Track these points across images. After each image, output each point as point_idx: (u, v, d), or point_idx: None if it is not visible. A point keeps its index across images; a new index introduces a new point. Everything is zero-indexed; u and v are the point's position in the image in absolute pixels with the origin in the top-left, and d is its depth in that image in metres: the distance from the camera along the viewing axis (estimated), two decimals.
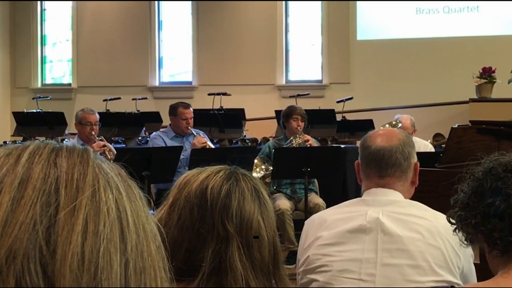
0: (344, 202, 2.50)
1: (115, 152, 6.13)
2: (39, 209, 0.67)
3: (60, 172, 0.70)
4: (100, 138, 6.26)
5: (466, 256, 2.34)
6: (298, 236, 5.64)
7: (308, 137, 6.66)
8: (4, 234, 0.65)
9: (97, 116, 6.35)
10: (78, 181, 0.70)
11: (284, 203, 6.40)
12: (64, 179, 0.69)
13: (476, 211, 1.70)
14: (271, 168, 6.36)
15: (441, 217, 2.37)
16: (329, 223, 2.39)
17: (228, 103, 9.40)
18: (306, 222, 2.52)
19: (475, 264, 2.43)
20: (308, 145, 6.59)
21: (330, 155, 6.66)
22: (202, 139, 6.62)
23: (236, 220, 1.51)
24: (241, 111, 9.25)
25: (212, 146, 6.81)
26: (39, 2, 12.85)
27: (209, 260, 1.48)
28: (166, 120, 7.75)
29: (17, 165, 0.70)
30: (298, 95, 9.18)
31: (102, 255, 0.67)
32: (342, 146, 7.57)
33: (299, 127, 6.66)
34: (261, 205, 1.55)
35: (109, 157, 6.03)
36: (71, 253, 0.66)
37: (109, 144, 6.29)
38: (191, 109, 6.79)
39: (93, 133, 6.21)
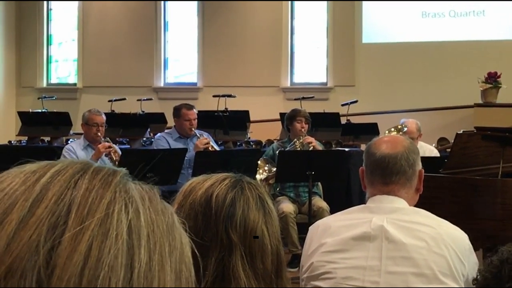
0: (349, 209, 2.50)
1: (120, 153, 6.14)
2: (45, 229, 0.65)
3: (77, 194, 0.68)
4: (106, 140, 6.26)
5: (471, 264, 2.33)
6: (301, 240, 5.64)
7: (311, 138, 6.64)
8: (6, 251, 0.64)
9: (104, 117, 6.37)
10: (92, 204, 0.68)
11: (287, 207, 6.39)
12: (78, 201, 0.68)
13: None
14: (274, 169, 6.36)
15: (445, 225, 2.37)
16: (333, 230, 2.38)
17: (233, 104, 9.39)
18: (310, 228, 2.51)
19: None
20: (311, 147, 6.58)
21: (334, 159, 6.65)
22: (205, 140, 6.61)
23: (240, 229, 1.50)
24: (246, 113, 9.24)
25: (216, 147, 6.80)
26: (45, 2, 12.87)
27: (212, 269, 1.48)
28: (170, 121, 7.75)
29: (36, 183, 0.69)
30: (303, 98, 9.16)
31: (101, 282, 0.65)
32: (347, 149, 7.56)
33: (303, 129, 6.65)
34: (265, 214, 1.54)
35: (114, 159, 6.02)
36: (68, 275, 0.64)
37: (114, 146, 6.29)
38: (194, 110, 6.79)
39: (99, 134, 6.22)
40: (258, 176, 6.31)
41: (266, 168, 6.44)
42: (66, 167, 0.71)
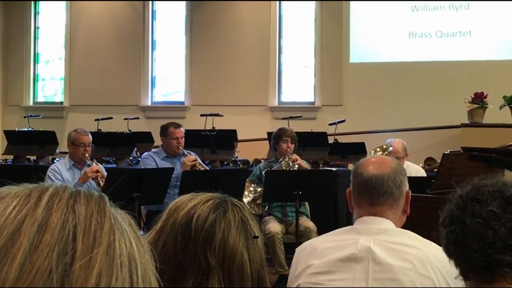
0: (335, 230, 2.48)
1: (106, 174, 6.07)
2: (55, 256, 0.68)
3: (78, 220, 0.72)
4: (93, 161, 6.19)
5: (457, 286, 2.32)
6: (288, 260, 5.61)
7: (296, 156, 6.64)
8: (19, 278, 0.66)
9: (90, 137, 6.29)
10: (96, 231, 0.71)
11: (274, 227, 6.36)
12: (82, 227, 0.71)
13: (444, 234, 1.73)
14: (259, 189, 6.34)
15: (432, 247, 2.36)
16: (320, 251, 2.37)
17: (220, 123, 9.38)
18: (297, 249, 2.50)
19: None
20: (297, 165, 6.57)
21: (321, 179, 6.64)
22: (192, 157, 6.61)
23: (219, 253, 1.46)
24: (233, 132, 9.23)
25: (203, 165, 6.79)
26: (32, 20, 12.85)
27: None
28: (157, 140, 7.74)
29: (37, 208, 0.71)
30: (291, 117, 9.17)
31: None
32: (334, 169, 7.55)
33: (289, 149, 6.63)
34: (247, 238, 1.49)
35: (101, 184, 5.94)
36: None
37: (102, 169, 6.19)
38: (182, 129, 6.78)
39: (87, 154, 6.14)
40: (245, 200, 6.30)
41: (251, 188, 6.42)
42: (59, 190, 0.74)
